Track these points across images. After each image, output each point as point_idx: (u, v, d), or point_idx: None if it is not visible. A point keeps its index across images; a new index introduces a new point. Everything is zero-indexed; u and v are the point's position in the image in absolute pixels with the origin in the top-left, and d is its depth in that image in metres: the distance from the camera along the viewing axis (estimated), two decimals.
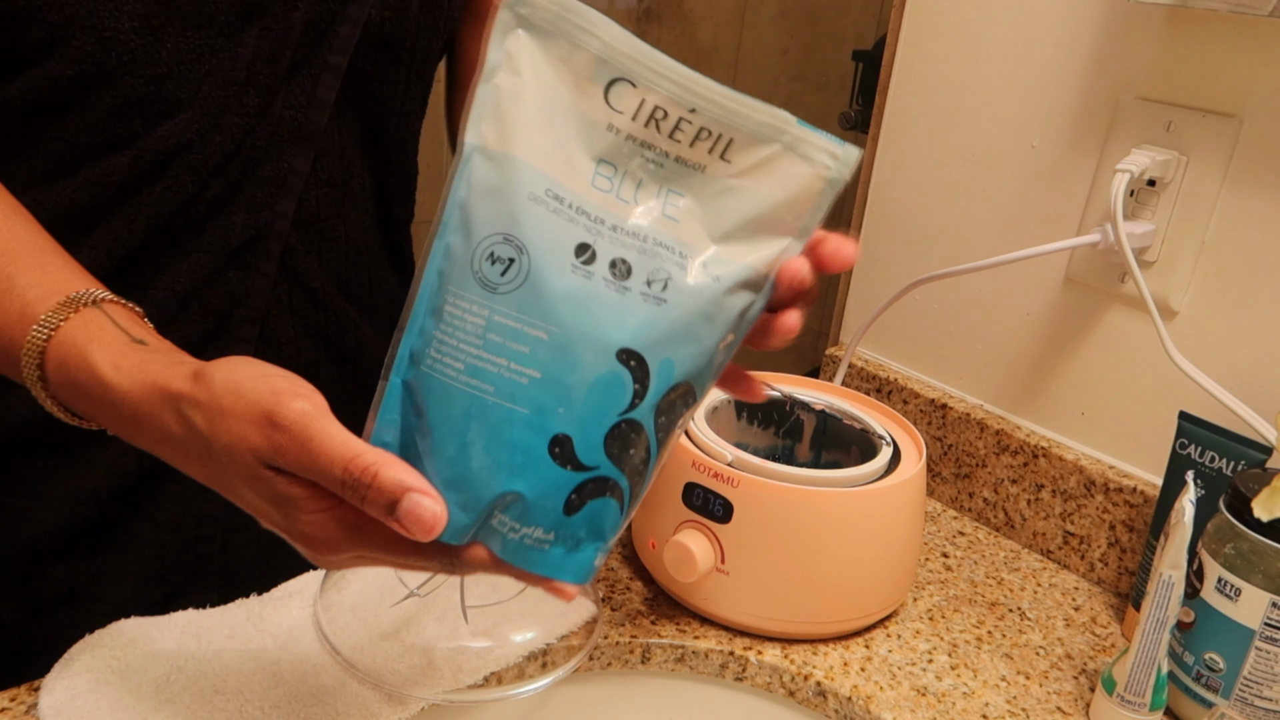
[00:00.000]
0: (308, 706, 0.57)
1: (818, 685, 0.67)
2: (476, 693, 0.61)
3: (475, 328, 0.39)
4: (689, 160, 0.41)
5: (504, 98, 0.40)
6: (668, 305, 0.40)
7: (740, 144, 0.41)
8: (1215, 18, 0.71)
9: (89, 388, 0.46)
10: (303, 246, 0.69)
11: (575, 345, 0.39)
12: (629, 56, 0.40)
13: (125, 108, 0.60)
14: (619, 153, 0.41)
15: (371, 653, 0.60)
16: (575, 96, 0.40)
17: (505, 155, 0.40)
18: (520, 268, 0.39)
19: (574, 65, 0.40)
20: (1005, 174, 0.84)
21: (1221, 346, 0.74)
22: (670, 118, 0.40)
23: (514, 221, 0.39)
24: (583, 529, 0.41)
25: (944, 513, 0.90)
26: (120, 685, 0.56)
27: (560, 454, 0.39)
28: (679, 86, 0.40)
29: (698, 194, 0.41)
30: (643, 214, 0.41)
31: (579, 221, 0.40)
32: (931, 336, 0.92)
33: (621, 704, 0.70)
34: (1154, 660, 0.61)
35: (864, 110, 1.68)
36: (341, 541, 0.41)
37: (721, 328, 0.42)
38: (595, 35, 0.40)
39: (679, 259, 0.41)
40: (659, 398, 0.40)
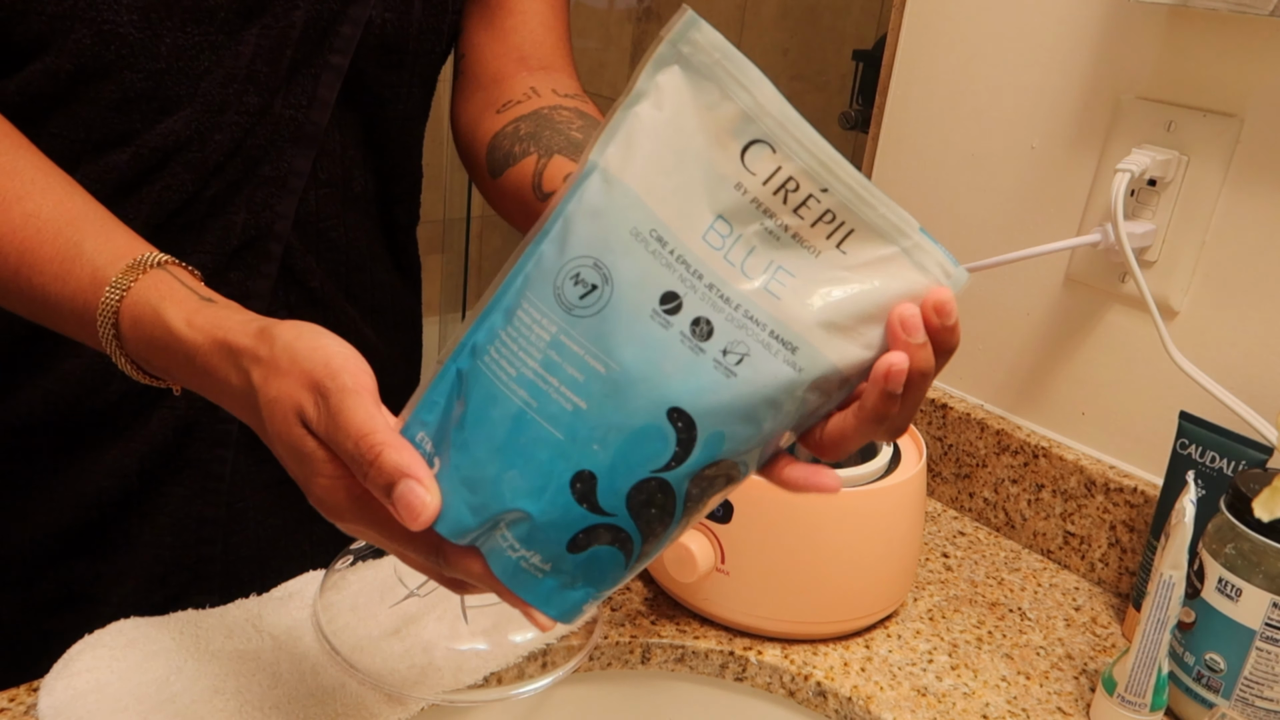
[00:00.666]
0: (308, 706, 0.57)
1: (818, 685, 0.67)
2: (476, 693, 0.61)
3: (539, 340, 0.39)
4: (806, 240, 0.40)
5: (640, 127, 0.39)
6: (737, 380, 0.39)
7: (860, 237, 0.40)
8: (1216, 17, 0.71)
9: (164, 342, 0.47)
10: (303, 246, 0.69)
11: (629, 388, 0.38)
12: (776, 120, 0.39)
13: (124, 103, 0.60)
14: (740, 214, 0.39)
15: (371, 653, 0.60)
16: (711, 147, 0.39)
17: (621, 183, 0.39)
18: (601, 296, 0.38)
19: (719, 115, 0.39)
20: (1005, 174, 0.84)
21: (1222, 346, 0.74)
22: (800, 191, 0.39)
23: (608, 249, 0.38)
24: (581, 570, 0.40)
25: (944, 513, 0.90)
26: (120, 685, 0.56)
27: (580, 490, 0.39)
28: (818, 162, 0.39)
29: (807, 276, 0.40)
30: (745, 282, 0.39)
31: (675, 270, 0.39)
32: None
33: (621, 704, 0.70)
34: (1154, 660, 0.61)
35: (864, 110, 1.68)
36: (345, 510, 0.42)
37: (785, 419, 0.40)
38: (748, 91, 0.39)
39: (766, 337, 0.39)
40: (698, 468, 0.39)
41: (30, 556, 0.70)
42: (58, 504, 0.68)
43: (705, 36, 0.39)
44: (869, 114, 0.95)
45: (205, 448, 0.69)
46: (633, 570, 0.41)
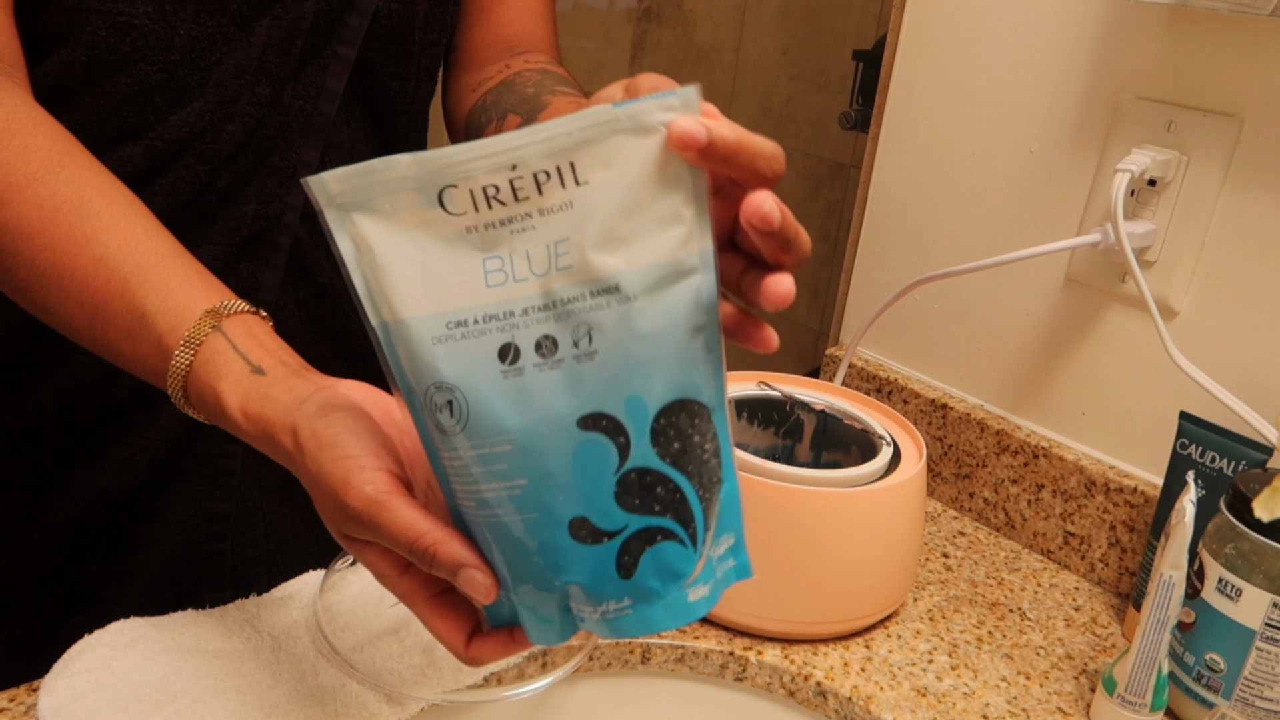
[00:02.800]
0: (308, 706, 0.57)
1: (818, 685, 0.67)
2: (476, 693, 0.61)
3: (461, 468, 0.41)
4: (551, 206, 0.40)
5: (370, 275, 0.41)
6: (599, 354, 0.39)
7: (583, 160, 0.39)
8: (1216, 17, 0.71)
9: (229, 426, 0.49)
10: (311, 240, 0.69)
11: (537, 439, 0.40)
12: (431, 168, 0.40)
13: (138, 96, 0.60)
14: (491, 243, 0.40)
15: (371, 653, 0.60)
16: (425, 230, 0.41)
17: (398, 322, 0.41)
18: (458, 405, 0.40)
19: (402, 209, 0.41)
20: (1005, 174, 0.84)
21: (1222, 346, 0.74)
22: (503, 188, 0.40)
23: (433, 370, 0.40)
24: (652, 580, 0.41)
25: (944, 513, 0.90)
26: (120, 685, 0.56)
27: (585, 534, 0.40)
28: (487, 159, 0.39)
29: (576, 229, 0.40)
30: (544, 281, 0.40)
31: (490, 329, 0.40)
32: (931, 336, 0.92)
33: (621, 704, 0.70)
34: (1154, 660, 0.61)
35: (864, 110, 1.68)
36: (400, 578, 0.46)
37: (671, 329, 0.40)
38: (393, 174, 0.40)
39: (590, 302, 0.39)
40: (647, 434, 0.40)
41: (42, 557, 0.70)
42: (68, 503, 0.68)
43: (336, 181, 0.41)
44: (869, 114, 0.95)
45: (215, 443, 0.69)
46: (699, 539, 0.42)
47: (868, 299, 0.97)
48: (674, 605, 0.42)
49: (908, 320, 0.93)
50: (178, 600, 0.70)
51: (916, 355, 0.94)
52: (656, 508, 0.41)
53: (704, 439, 0.42)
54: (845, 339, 1.01)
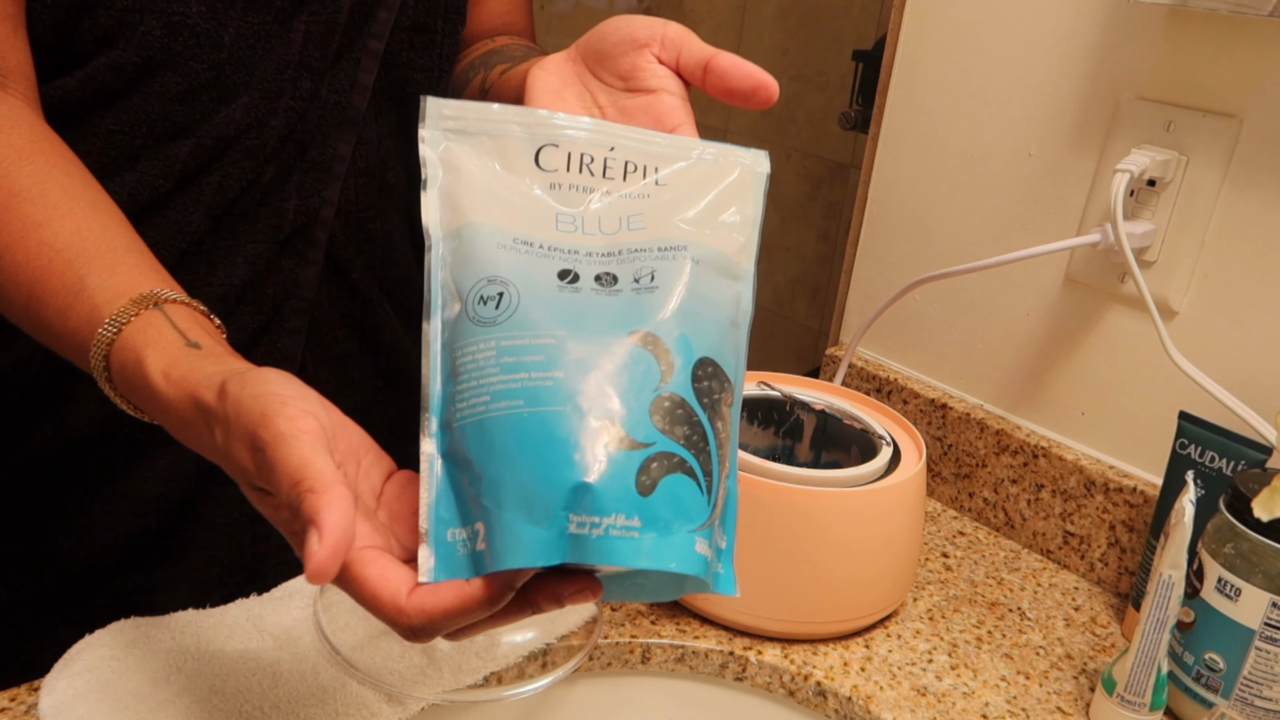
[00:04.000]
0: (308, 706, 0.57)
1: (818, 685, 0.67)
2: (476, 693, 0.61)
3: (488, 359, 0.40)
4: (630, 191, 0.45)
5: (450, 189, 0.44)
6: (660, 290, 0.42)
7: (665, 167, 0.45)
8: (1215, 18, 0.71)
9: (145, 393, 0.47)
10: (345, 237, 0.70)
11: (587, 338, 0.40)
12: (541, 125, 0.45)
13: (187, 94, 0.61)
14: (569, 202, 0.44)
15: (371, 653, 0.60)
16: (511, 175, 0.44)
17: (466, 224, 0.43)
18: (509, 297, 0.41)
19: (502, 149, 0.45)
20: (1005, 174, 0.84)
21: (1221, 346, 0.74)
22: (597, 160, 0.45)
23: (492, 264, 0.42)
24: (666, 509, 0.39)
25: (944, 513, 0.90)
26: (120, 685, 0.56)
27: (610, 435, 0.38)
28: (591, 133, 0.45)
29: (650, 207, 0.44)
30: (611, 236, 0.44)
31: (554, 256, 0.43)
32: (931, 336, 0.92)
33: (621, 704, 0.70)
34: (1154, 660, 0.61)
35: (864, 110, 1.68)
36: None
37: (720, 308, 0.43)
38: (507, 121, 0.45)
39: (657, 253, 0.43)
40: (689, 371, 0.41)
41: (90, 572, 0.69)
42: (116, 514, 0.68)
43: (452, 108, 0.45)
44: (869, 114, 0.95)
45: None
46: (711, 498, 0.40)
47: (868, 299, 0.97)
48: (680, 547, 0.39)
49: (908, 320, 0.93)
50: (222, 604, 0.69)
51: (916, 355, 0.94)
52: (683, 438, 0.40)
53: (727, 415, 0.42)
54: (845, 339, 1.01)
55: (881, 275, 0.95)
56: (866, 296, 0.97)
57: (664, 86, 0.48)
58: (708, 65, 0.46)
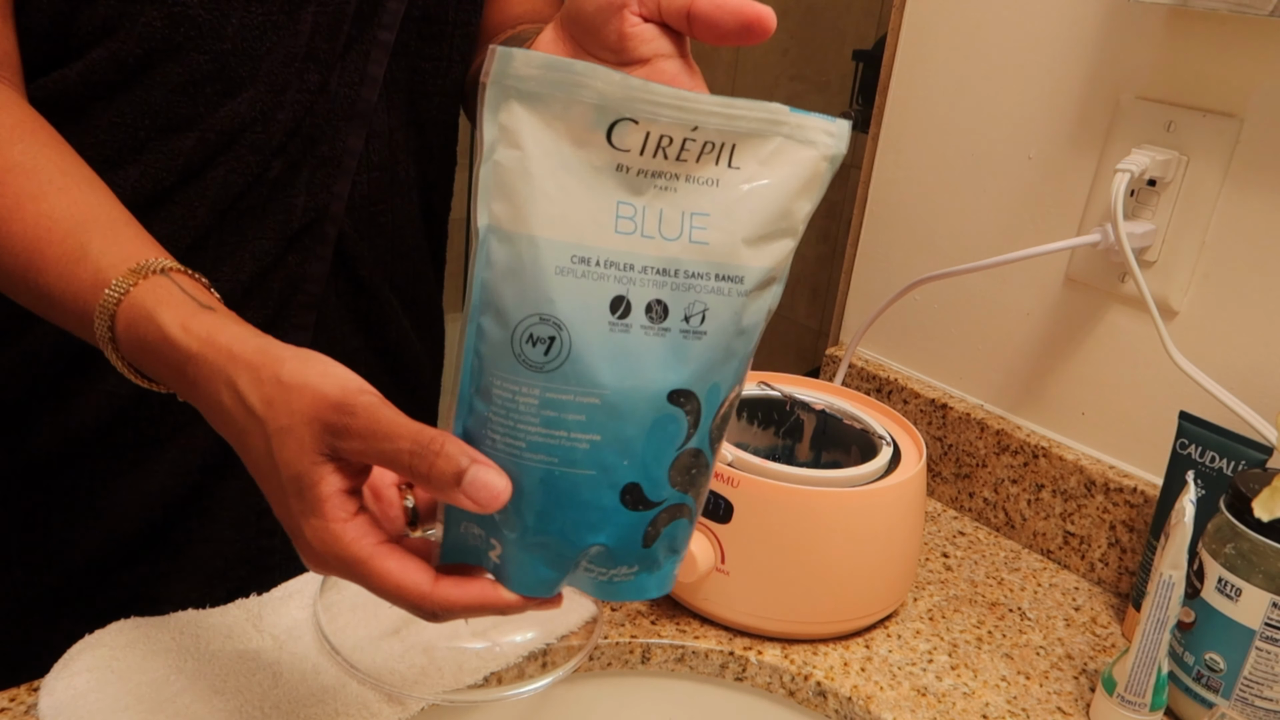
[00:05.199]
0: (308, 706, 0.57)
1: (818, 685, 0.67)
2: (476, 693, 0.61)
3: (529, 407, 0.40)
4: (700, 177, 0.41)
5: (508, 174, 0.40)
6: (707, 336, 0.41)
7: (743, 147, 0.41)
8: (1216, 17, 0.71)
9: (157, 348, 0.46)
10: (355, 233, 0.69)
11: (627, 401, 0.40)
12: (623, 95, 0.39)
13: (190, 86, 0.60)
14: (633, 189, 0.40)
15: (371, 653, 0.60)
16: (579, 150, 0.40)
17: (523, 235, 0.39)
18: (561, 344, 0.39)
19: (571, 120, 0.40)
20: (1005, 174, 0.84)
21: (1222, 346, 0.74)
22: (675, 142, 0.40)
23: (546, 300, 0.39)
24: (662, 552, 0.43)
25: (944, 513, 0.90)
26: (120, 685, 0.56)
27: (631, 500, 0.41)
28: (677, 110, 0.40)
29: (718, 209, 0.41)
30: (670, 246, 0.40)
31: (609, 276, 0.40)
32: (931, 336, 0.92)
33: (621, 704, 0.70)
34: (1154, 660, 0.61)
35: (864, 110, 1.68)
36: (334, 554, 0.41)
37: (752, 334, 0.43)
38: (585, 85, 0.39)
39: (713, 284, 0.41)
40: (711, 420, 0.42)
41: (97, 565, 0.69)
42: (122, 509, 0.68)
43: (523, 62, 0.39)
44: (869, 114, 0.95)
45: None
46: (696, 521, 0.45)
47: (868, 299, 0.97)
48: (663, 577, 0.44)
49: (908, 320, 0.93)
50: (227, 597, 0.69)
51: (916, 355, 0.94)
52: (691, 490, 0.42)
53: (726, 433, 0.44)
54: (845, 339, 1.01)
55: (881, 275, 0.95)
56: (866, 296, 0.97)
57: (658, 51, 0.43)
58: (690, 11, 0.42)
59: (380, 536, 0.41)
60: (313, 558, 0.42)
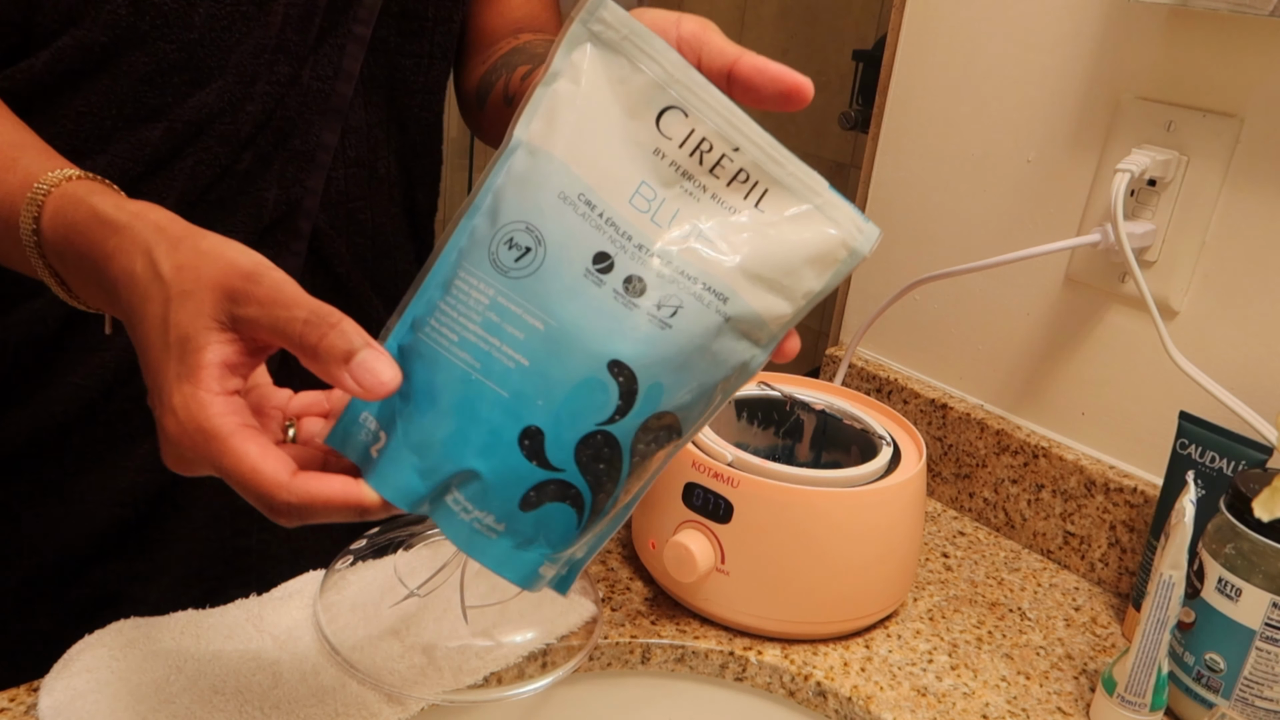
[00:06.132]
0: (308, 706, 0.57)
1: (818, 685, 0.67)
2: (476, 693, 0.61)
3: (478, 304, 0.40)
4: (724, 200, 0.42)
5: (559, 102, 0.41)
6: (672, 331, 0.40)
7: (774, 195, 0.42)
8: (1216, 18, 0.71)
9: (84, 227, 0.45)
10: (331, 229, 0.69)
11: (569, 343, 0.39)
12: (685, 86, 0.41)
13: (157, 76, 0.60)
14: (662, 178, 0.41)
15: (371, 653, 0.60)
16: (628, 117, 0.41)
17: (546, 153, 0.40)
18: (535, 258, 0.40)
19: (632, 87, 0.41)
20: (1005, 174, 0.84)
21: (1222, 346, 0.74)
22: (714, 151, 0.41)
23: (539, 214, 0.40)
24: (534, 528, 0.41)
25: (944, 513, 0.90)
26: (120, 685, 0.56)
27: (529, 446, 0.39)
28: (727, 122, 0.41)
29: (729, 234, 0.42)
30: (673, 240, 0.41)
31: (605, 231, 0.40)
32: (931, 336, 0.92)
33: (621, 704, 0.70)
34: (1154, 660, 0.61)
35: (864, 110, 1.68)
36: (193, 431, 0.40)
37: (720, 369, 0.42)
38: (656, 61, 0.41)
39: (699, 290, 0.41)
40: (642, 419, 0.40)
41: (68, 561, 0.69)
42: (92, 504, 0.68)
43: (613, 14, 0.41)
44: (869, 114, 0.95)
45: None
46: (585, 530, 0.42)
47: (868, 299, 0.97)
48: (526, 563, 0.41)
49: (908, 320, 0.93)
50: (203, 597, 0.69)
51: (916, 355, 0.94)
52: (590, 478, 0.40)
53: (655, 468, 0.43)
54: (845, 339, 1.01)
55: (881, 275, 0.95)
56: (866, 296, 0.97)
57: None
58: (732, 72, 0.43)
59: (248, 421, 0.40)
60: (172, 434, 0.40)
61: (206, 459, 0.40)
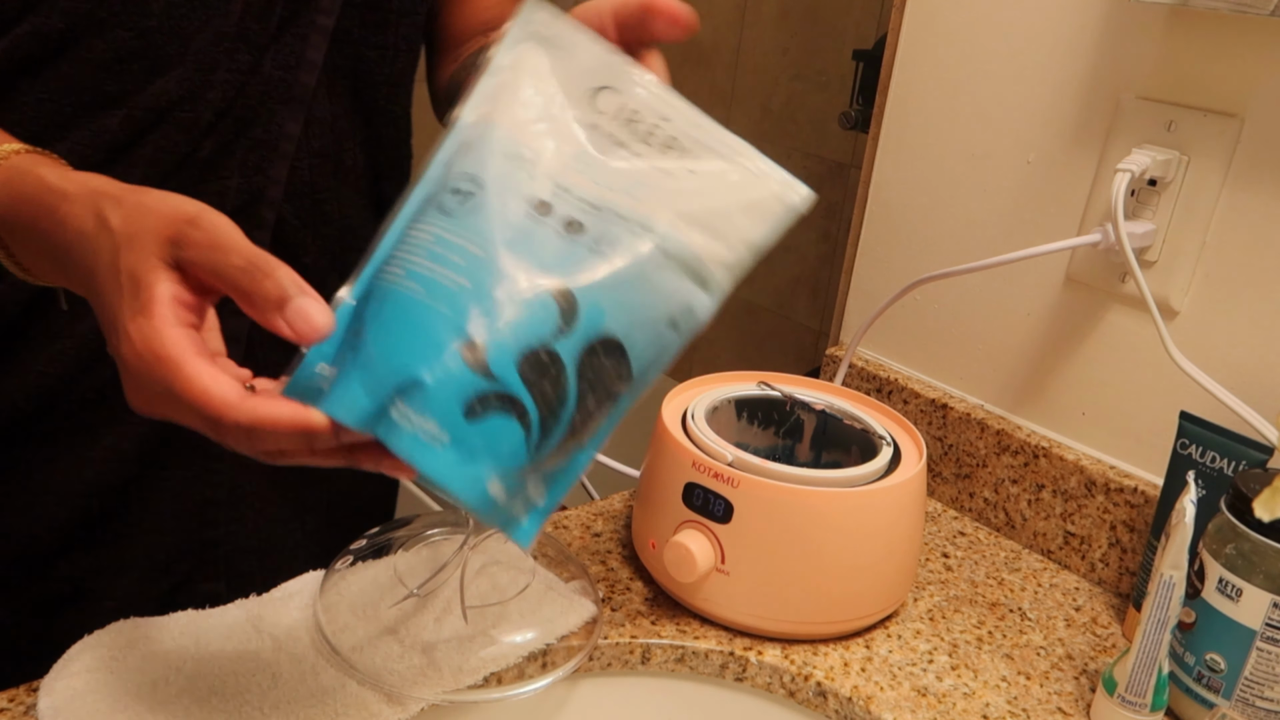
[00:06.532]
0: (308, 706, 0.57)
1: (818, 685, 0.67)
2: (476, 693, 0.61)
3: (424, 241, 0.42)
4: (658, 163, 0.46)
5: (501, 87, 0.46)
6: (607, 259, 0.43)
7: (705, 158, 0.46)
8: (1216, 17, 0.71)
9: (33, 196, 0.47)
10: (296, 219, 0.69)
11: (509, 267, 0.42)
12: (614, 69, 0.47)
13: (115, 63, 0.60)
14: (599, 145, 0.46)
15: (371, 653, 0.60)
16: (565, 97, 0.46)
17: (489, 123, 0.45)
18: (477, 200, 0.43)
19: (567, 72, 0.46)
20: (1005, 173, 0.84)
21: (1222, 346, 0.74)
22: (645, 122, 0.46)
23: (483, 166, 0.44)
24: (479, 440, 0.41)
25: (944, 513, 0.90)
26: (119, 686, 0.56)
27: (471, 356, 0.40)
28: (655, 97, 0.47)
29: (664, 185, 0.45)
30: (612, 193, 0.44)
31: (546, 185, 0.44)
32: (931, 336, 0.92)
33: (621, 704, 0.70)
34: (1155, 661, 0.61)
35: (864, 110, 1.68)
36: (152, 364, 0.41)
37: (662, 302, 0.44)
38: (588, 51, 0.47)
39: (635, 228, 0.44)
40: (586, 341, 0.42)
41: (31, 554, 0.69)
42: (56, 495, 0.68)
43: (546, 14, 0.47)
44: (869, 114, 0.95)
45: None
46: (535, 454, 0.42)
47: (868, 299, 0.97)
48: (471, 477, 0.41)
49: (908, 320, 0.93)
50: (171, 592, 0.69)
51: (916, 355, 0.94)
52: (536, 395, 0.41)
53: (607, 399, 0.44)
54: (845, 339, 1.01)
55: (881, 275, 0.95)
56: (866, 296, 0.97)
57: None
58: (641, 8, 0.49)
59: (202, 349, 0.42)
60: (130, 365, 0.42)
61: (161, 383, 0.41)
